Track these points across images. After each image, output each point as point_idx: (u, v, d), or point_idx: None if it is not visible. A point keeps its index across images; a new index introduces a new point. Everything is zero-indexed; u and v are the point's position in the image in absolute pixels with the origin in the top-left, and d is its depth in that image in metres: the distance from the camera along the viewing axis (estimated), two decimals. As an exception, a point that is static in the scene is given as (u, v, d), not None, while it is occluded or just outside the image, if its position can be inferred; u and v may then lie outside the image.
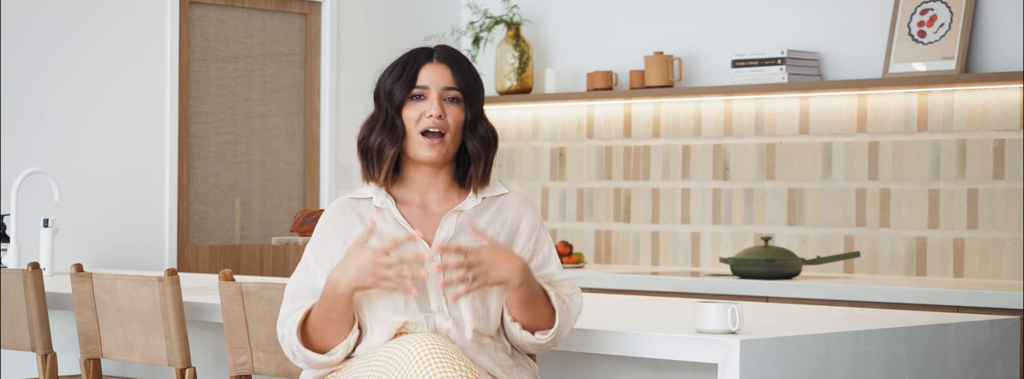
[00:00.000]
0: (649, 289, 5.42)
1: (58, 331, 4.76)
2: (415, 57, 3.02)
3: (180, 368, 3.83)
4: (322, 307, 2.92)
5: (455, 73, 3.00)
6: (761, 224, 5.90)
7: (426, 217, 3.03)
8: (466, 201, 3.04)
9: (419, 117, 2.98)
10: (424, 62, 3.01)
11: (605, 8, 6.46)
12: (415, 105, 2.99)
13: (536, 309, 2.96)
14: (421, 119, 2.97)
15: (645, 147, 6.24)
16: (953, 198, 5.42)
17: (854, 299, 4.95)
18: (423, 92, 2.99)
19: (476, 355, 2.96)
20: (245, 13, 6.39)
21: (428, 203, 3.05)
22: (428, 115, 2.97)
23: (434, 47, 3.05)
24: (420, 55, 3.02)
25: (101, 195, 5.91)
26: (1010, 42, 5.34)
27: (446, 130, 2.97)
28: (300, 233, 4.66)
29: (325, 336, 2.95)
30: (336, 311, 2.91)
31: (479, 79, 3.05)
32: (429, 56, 3.02)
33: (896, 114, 5.55)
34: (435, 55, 3.02)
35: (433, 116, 2.96)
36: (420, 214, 3.04)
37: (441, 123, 2.97)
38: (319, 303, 2.93)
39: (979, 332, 3.47)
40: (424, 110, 2.98)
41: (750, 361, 2.92)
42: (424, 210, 3.04)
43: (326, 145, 6.55)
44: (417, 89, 2.99)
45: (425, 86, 2.99)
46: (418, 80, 2.99)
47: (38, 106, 5.75)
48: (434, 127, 2.97)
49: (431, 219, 3.03)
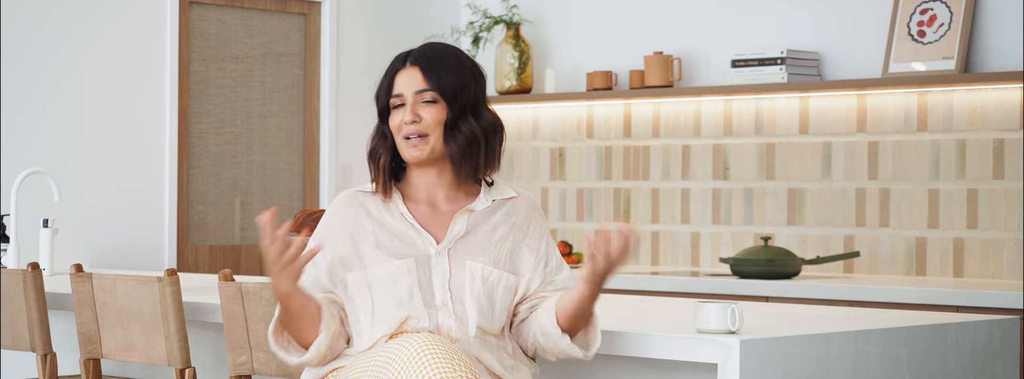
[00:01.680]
0: (649, 289, 5.42)
1: (58, 331, 4.76)
2: (394, 64, 3.07)
3: (180, 368, 3.83)
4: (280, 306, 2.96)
5: (427, 74, 3.01)
6: (761, 224, 5.90)
7: (435, 215, 3.06)
8: (477, 202, 3.07)
9: (399, 124, 3.02)
10: (398, 68, 3.05)
11: (605, 8, 6.46)
12: (396, 113, 3.04)
13: (583, 321, 2.99)
14: (401, 126, 3.01)
15: (645, 147, 6.24)
16: (953, 198, 5.42)
17: (854, 299, 4.94)
18: (400, 100, 3.03)
19: (480, 352, 2.97)
20: (245, 13, 6.39)
21: (436, 201, 3.07)
22: (405, 121, 3.00)
23: (415, 49, 3.07)
24: (397, 62, 3.06)
25: (101, 195, 5.91)
26: (1010, 42, 5.34)
27: (426, 132, 2.99)
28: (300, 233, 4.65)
29: (296, 334, 2.98)
30: (287, 312, 2.94)
31: (462, 69, 3.03)
32: (404, 61, 3.04)
33: (896, 114, 5.55)
34: (409, 59, 3.04)
35: (407, 122, 3.00)
36: (428, 211, 3.06)
37: (416, 127, 3.00)
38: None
39: (979, 332, 3.47)
40: (402, 117, 3.01)
41: (750, 361, 2.92)
42: (432, 208, 3.07)
43: (326, 145, 6.55)
44: (394, 98, 3.03)
45: (400, 93, 3.03)
46: (394, 88, 3.04)
47: (38, 106, 5.75)
48: (411, 133, 2.99)
49: (440, 218, 3.06)
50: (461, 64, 3.04)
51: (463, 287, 2.98)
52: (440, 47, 3.06)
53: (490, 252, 3.02)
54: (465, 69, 3.04)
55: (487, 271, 2.99)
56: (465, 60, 3.05)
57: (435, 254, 3.00)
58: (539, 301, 3.05)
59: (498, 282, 3.00)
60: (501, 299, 3.00)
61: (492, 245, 3.03)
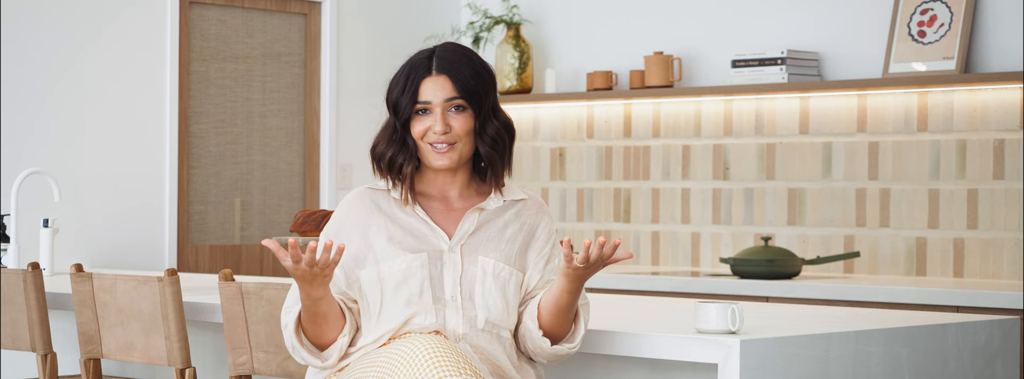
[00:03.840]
0: (649, 289, 5.42)
1: (58, 331, 4.76)
2: (416, 70, 3.02)
3: (180, 368, 3.83)
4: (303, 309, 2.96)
5: (455, 81, 3.00)
6: (761, 224, 5.90)
7: (447, 212, 3.07)
8: (489, 201, 3.08)
9: (425, 131, 3.00)
10: (424, 76, 3.01)
11: (605, 8, 6.46)
12: (421, 119, 3.01)
13: (565, 319, 2.99)
14: (427, 133, 3.00)
15: (645, 147, 6.24)
16: (953, 198, 5.41)
17: (854, 299, 4.94)
18: (427, 107, 3.00)
19: (493, 348, 2.98)
20: (245, 13, 6.39)
21: (449, 199, 3.08)
22: (433, 131, 2.99)
23: (434, 53, 3.04)
24: (420, 68, 3.02)
25: (101, 195, 5.91)
26: (1010, 42, 5.33)
27: (455, 140, 3.00)
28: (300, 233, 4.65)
29: (316, 336, 2.98)
30: (316, 316, 2.95)
31: (484, 73, 3.03)
32: (429, 69, 3.02)
33: (896, 114, 5.55)
34: (434, 66, 3.02)
35: (438, 132, 2.99)
36: (441, 208, 3.07)
37: (447, 137, 2.99)
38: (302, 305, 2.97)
39: (979, 332, 3.47)
40: (429, 125, 3.00)
41: (750, 361, 2.92)
42: (445, 204, 3.07)
43: (326, 145, 6.55)
44: (420, 104, 3.01)
45: (428, 101, 3.00)
46: (420, 95, 3.00)
47: (38, 106, 5.75)
48: (440, 142, 2.99)
49: (452, 214, 3.07)
50: (483, 67, 3.04)
51: (474, 282, 2.99)
52: (458, 51, 3.05)
53: (502, 249, 3.03)
54: (486, 72, 3.05)
55: (499, 267, 3.00)
56: (481, 62, 3.06)
57: (448, 250, 3.01)
58: (531, 301, 3.06)
59: (509, 278, 3.01)
60: (513, 295, 3.01)
61: (504, 242, 3.04)
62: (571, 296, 2.96)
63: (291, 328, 2.99)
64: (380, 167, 3.06)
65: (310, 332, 2.98)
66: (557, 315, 2.98)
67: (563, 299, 2.96)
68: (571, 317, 3.01)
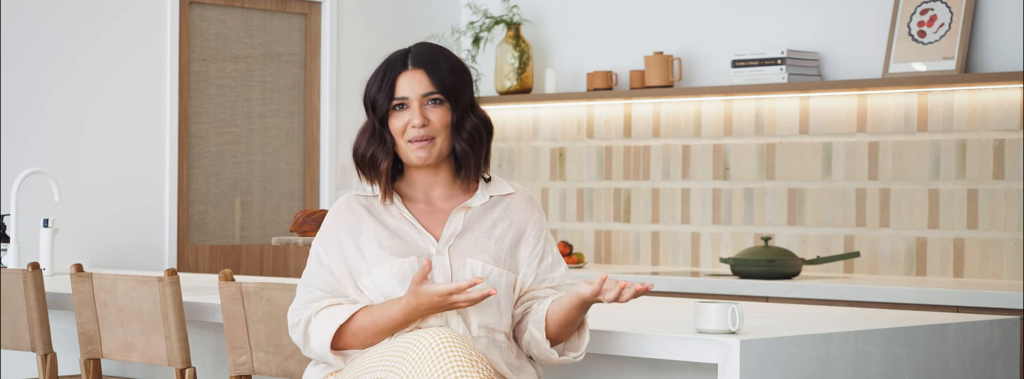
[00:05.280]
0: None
1: (58, 331, 4.76)
2: (392, 67, 3.04)
3: (180, 368, 3.83)
4: (383, 324, 2.93)
5: (432, 76, 3.01)
6: (761, 224, 5.90)
7: (432, 213, 3.06)
8: (474, 198, 3.07)
9: (404, 127, 3.02)
10: (400, 70, 3.03)
11: (605, 8, 6.46)
12: (398, 115, 3.03)
13: (572, 330, 3.01)
14: (406, 129, 3.01)
15: (645, 147, 6.24)
16: (953, 198, 5.42)
17: (854, 299, 4.95)
18: (404, 102, 3.01)
19: (488, 351, 2.97)
20: (245, 13, 6.39)
21: (433, 199, 3.08)
22: (412, 125, 3.00)
23: (410, 50, 3.05)
24: (396, 63, 3.04)
25: (101, 195, 5.91)
26: (1010, 42, 5.34)
27: (434, 134, 2.99)
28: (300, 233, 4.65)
29: (364, 341, 2.96)
30: (390, 332, 2.95)
31: (461, 71, 3.05)
32: (404, 63, 3.02)
33: (896, 114, 5.55)
34: (410, 61, 3.03)
35: (416, 126, 2.99)
36: (426, 210, 3.06)
37: (425, 131, 2.99)
38: (380, 320, 2.93)
39: (979, 332, 3.47)
40: (407, 120, 3.01)
41: (750, 361, 2.92)
42: (429, 206, 3.07)
43: (326, 145, 6.55)
44: (397, 100, 3.02)
45: (405, 96, 3.01)
46: (397, 91, 3.02)
47: (38, 106, 5.75)
48: (419, 137, 2.99)
49: (437, 215, 3.06)
50: (459, 64, 3.06)
51: None
52: (433, 47, 3.07)
53: (490, 249, 3.02)
54: (462, 69, 3.06)
55: (488, 269, 3.00)
56: (456, 59, 3.08)
57: (436, 253, 3.00)
58: (531, 303, 3.05)
59: (499, 280, 3.00)
60: (505, 296, 3.01)
61: (492, 242, 3.03)
62: (583, 314, 2.98)
63: (328, 336, 2.95)
64: (362, 168, 3.06)
65: (359, 343, 2.97)
66: (566, 327, 2.99)
67: (573, 315, 2.97)
68: (577, 327, 3.02)
